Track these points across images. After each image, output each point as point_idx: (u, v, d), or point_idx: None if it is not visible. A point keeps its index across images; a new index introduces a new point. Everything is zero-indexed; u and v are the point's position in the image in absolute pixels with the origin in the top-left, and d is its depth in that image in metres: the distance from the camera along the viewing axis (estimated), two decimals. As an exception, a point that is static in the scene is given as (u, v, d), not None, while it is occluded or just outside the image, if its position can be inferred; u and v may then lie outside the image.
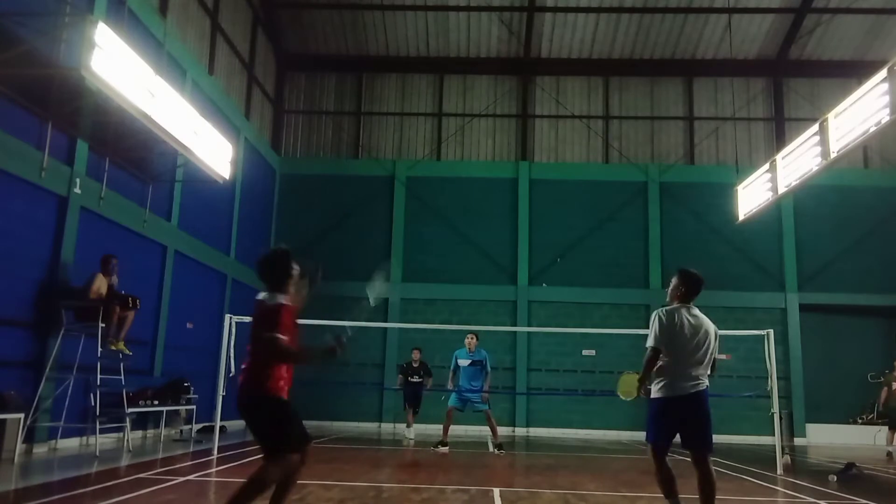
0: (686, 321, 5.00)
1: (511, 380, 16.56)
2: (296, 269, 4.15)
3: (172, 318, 12.33)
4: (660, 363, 4.85)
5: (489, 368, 10.99)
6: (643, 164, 18.21)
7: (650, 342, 4.90)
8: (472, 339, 10.94)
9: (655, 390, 4.88)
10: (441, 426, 10.93)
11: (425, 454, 10.32)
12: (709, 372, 4.90)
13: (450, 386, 10.96)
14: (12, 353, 8.31)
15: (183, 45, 12.71)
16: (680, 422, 4.74)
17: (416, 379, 13.17)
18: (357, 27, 18.27)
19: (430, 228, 17.86)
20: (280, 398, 4.04)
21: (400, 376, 13.55)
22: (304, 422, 4.22)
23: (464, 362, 10.76)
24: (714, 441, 4.75)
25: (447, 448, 10.54)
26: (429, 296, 17.35)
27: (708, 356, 4.89)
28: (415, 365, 13.30)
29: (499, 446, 10.69)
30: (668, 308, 5.13)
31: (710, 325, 5.14)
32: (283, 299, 3.91)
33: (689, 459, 4.76)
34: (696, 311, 5.21)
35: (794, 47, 18.02)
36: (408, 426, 13.07)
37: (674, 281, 5.38)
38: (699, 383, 4.78)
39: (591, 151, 18.64)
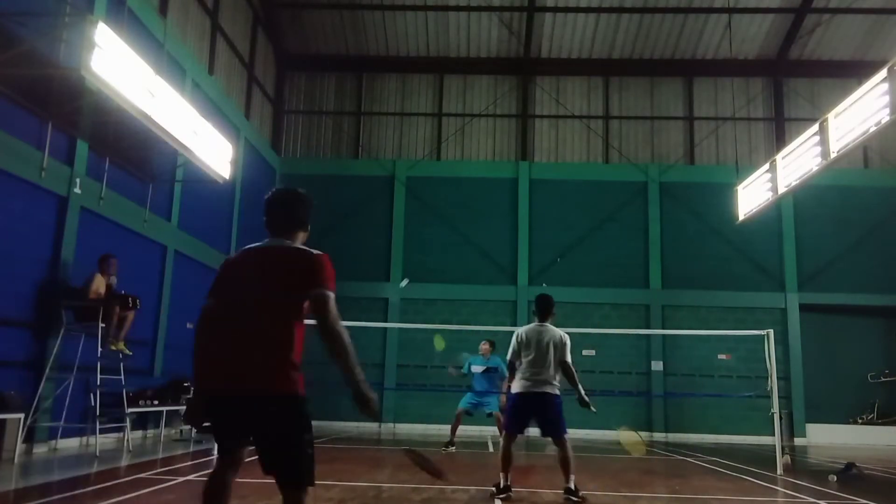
0: (533, 335, 6.45)
1: (506, 380, 16.56)
2: None
3: (172, 318, 12.33)
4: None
5: (506, 373, 10.90)
6: (643, 164, 18.20)
7: (507, 356, 6.55)
8: (486, 345, 10.86)
9: (513, 389, 6.29)
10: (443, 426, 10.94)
11: (427, 454, 10.30)
12: (553, 371, 6.32)
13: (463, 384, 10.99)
14: (12, 353, 8.31)
15: (183, 45, 12.71)
16: (532, 414, 6.17)
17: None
18: (357, 27, 18.27)
19: (430, 228, 17.86)
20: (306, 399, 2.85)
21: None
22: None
23: (477, 369, 10.72)
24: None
25: (454, 448, 10.58)
26: (429, 296, 17.35)
27: (548, 359, 6.34)
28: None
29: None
30: (524, 326, 6.62)
31: (555, 336, 6.54)
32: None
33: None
34: (547, 327, 6.62)
35: (794, 47, 18.02)
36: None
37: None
38: (545, 384, 6.20)
39: (591, 151, 18.64)
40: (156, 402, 10.81)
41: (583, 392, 6.37)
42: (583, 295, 17.28)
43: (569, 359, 6.47)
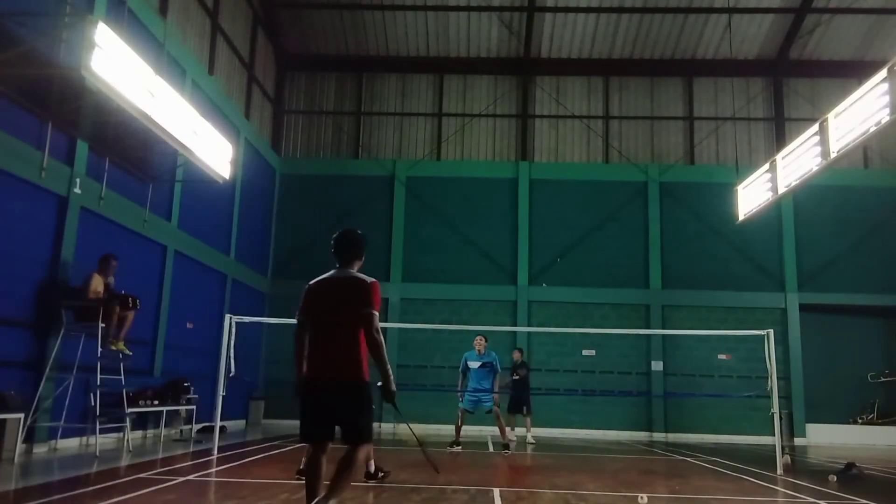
0: None
1: (504, 381, 16.53)
2: None
3: (172, 318, 12.33)
4: None
5: (500, 368, 11.07)
6: (643, 164, 18.21)
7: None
8: (481, 340, 10.96)
9: None
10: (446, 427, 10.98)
11: (433, 454, 10.30)
12: None
13: (459, 387, 11.00)
14: (12, 353, 8.31)
15: (183, 45, 12.71)
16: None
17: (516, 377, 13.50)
18: (357, 27, 18.27)
19: (430, 228, 17.86)
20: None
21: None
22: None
23: (474, 364, 10.82)
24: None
25: (461, 447, 10.65)
26: (429, 296, 17.35)
27: None
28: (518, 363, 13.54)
29: (505, 446, 10.73)
30: None
31: None
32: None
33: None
34: None
35: (794, 47, 18.02)
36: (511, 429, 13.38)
37: None
38: None
39: (591, 151, 18.64)
40: (156, 402, 10.80)
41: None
42: (583, 295, 17.29)
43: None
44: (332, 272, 4.44)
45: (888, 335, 17.13)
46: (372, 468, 6.53)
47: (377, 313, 4.19)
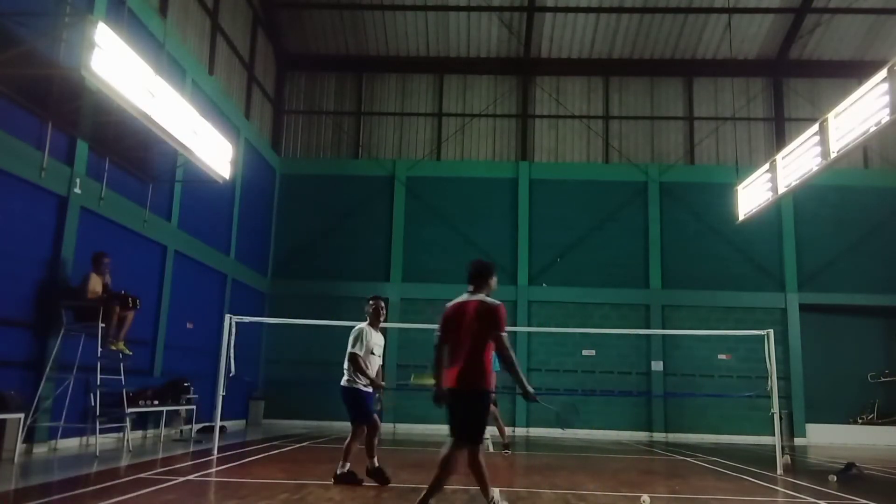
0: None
1: (511, 380, 16.54)
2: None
3: (172, 318, 12.33)
4: None
5: (497, 368, 11.06)
6: (643, 164, 18.20)
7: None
8: None
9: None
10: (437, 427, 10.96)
11: (426, 454, 10.32)
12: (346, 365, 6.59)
13: None
14: (12, 353, 8.31)
15: (183, 45, 12.71)
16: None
17: None
18: (357, 27, 18.27)
19: (430, 228, 17.86)
20: (490, 393, 4.93)
21: None
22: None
23: None
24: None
25: None
26: (429, 296, 17.33)
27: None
28: None
29: (505, 446, 10.72)
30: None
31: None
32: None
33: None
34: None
35: (794, 47, 18.02)
36: None
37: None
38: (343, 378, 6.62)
39: (591, 151, 18.64)
40: (156, 402, 10.81)
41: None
42: (583, 295, 17.29)
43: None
44: (463, 296, 4.99)
45: (888, 335, 17.13)
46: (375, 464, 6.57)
47: (504, 333, 4.79)
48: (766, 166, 11.55)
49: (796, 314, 17.04)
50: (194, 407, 11.90)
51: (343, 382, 6.57)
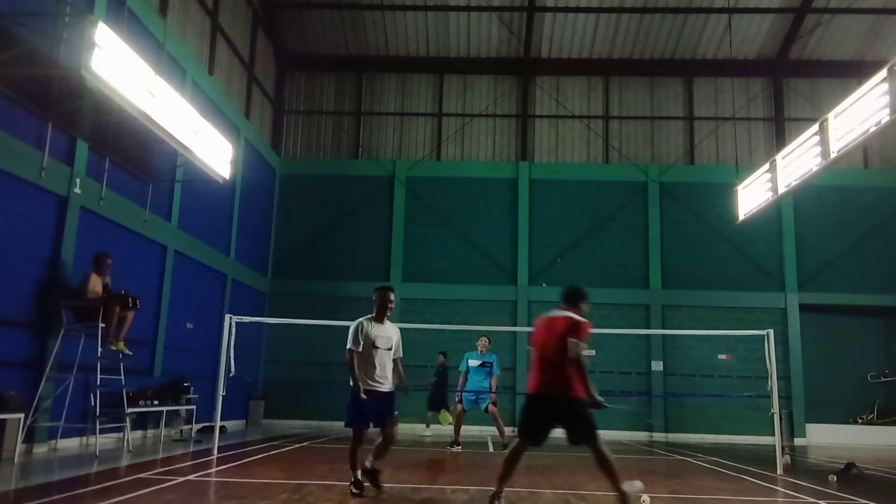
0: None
1: (511, 380, 16.55)
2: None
3: (172, 318, 12.33)
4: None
5: (498, 371, 11.20)
6: (643, 164, 18.20)
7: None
8: (484, 341, 11.26)
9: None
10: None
11: (426, 454, 10.32)
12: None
13: (459, 387, 11.06)
14: (12, 353, 8.32)
15: (183, 45, 12.71)
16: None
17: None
18: (357, 27, 18.27)
19: (430, 228, 17.85)
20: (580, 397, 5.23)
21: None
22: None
23: (474, 363, 11.03)
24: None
25: (461, 447, 10.67)
26: (429, 296, 17.35)
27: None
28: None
29: (505, 446, 10.73)
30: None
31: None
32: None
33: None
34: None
35: (794, 47, 18.02)
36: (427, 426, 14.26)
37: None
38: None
39: (591, 151, 18.64)
40: (156, 402, 10.81)
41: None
42: (583, 295, 17.24)
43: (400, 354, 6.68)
44: (554, 311, 5.49)
45: (888, 335, 17.13)
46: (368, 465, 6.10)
47: (579, 342, 5.11)
48: (766, 166, 11.55)
49: (796, 314, 17.04)
50: (194, 407, 11.90)
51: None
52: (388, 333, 6.31)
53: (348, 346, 6.07)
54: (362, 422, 5.95)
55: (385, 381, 6.15)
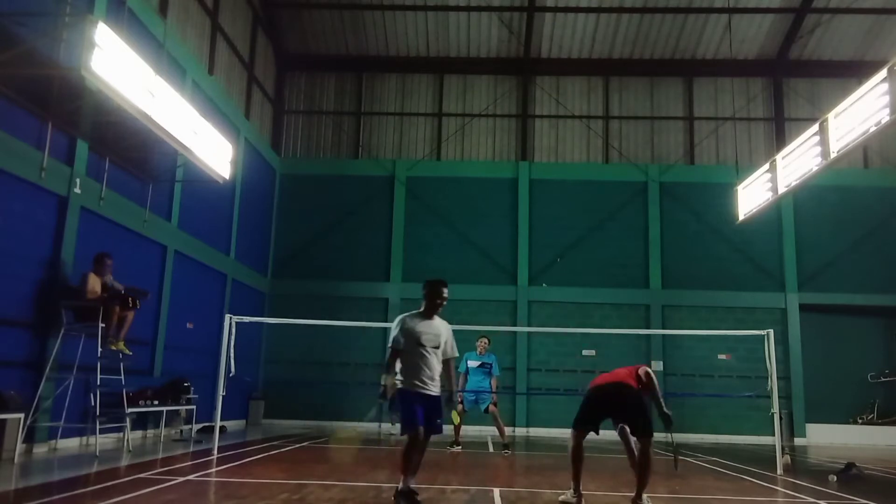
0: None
1: (511, 380, 16.56)
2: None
3: (172, 318, 12.33)
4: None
5: (497, 373, 11.23)
6: (643, 164, 18.20)
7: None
8: (483, 342, 11.27)
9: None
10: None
11: (425, 454, 10.31)
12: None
13: (459, 387, 11.08)
14: (12, 353, 8.31)
15: (183, 45, 12.70)
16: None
17: None
18: (357, 27, 18.27)
19: (430, 228, 17.85)
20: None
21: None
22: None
23: (473, 364, 11.09)
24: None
25: (461, 447, 10.69)
26: (429, 296, 17.31)
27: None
28: None
29: (505, 446, 10.76)
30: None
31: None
32: None
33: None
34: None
35: (794, 47, 18.02)
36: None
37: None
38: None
39: (591, 151, 18.64)
40: (156, 402, 10.81)
41: None
42: (583, 295, 17.28)
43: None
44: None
45: (888, 335, 17.13)
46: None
47: (649, 368, 6.00)
48: (766, 166, 11.54)
49: (796, 314, 17.03)
50: (194, 407, 11.90)
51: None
52: (436, 331, 5.74)
53: (389, 344, 5.62)
54: (416, 423, 5.38)
55: (432, 383, 5.52)
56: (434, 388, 5.50)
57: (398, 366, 5.54)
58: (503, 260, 17.66)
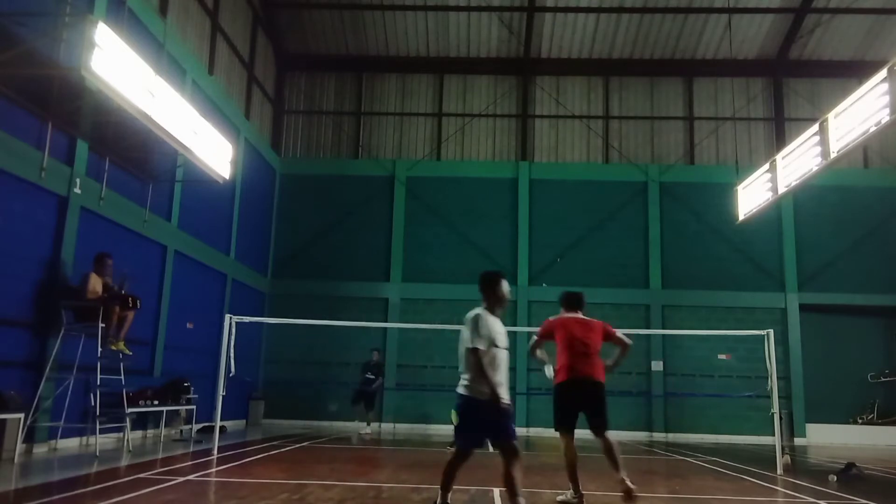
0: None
1: (511, 380, 16.53)
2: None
3: (172, 318, 12.33)
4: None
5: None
6: (643, 164, 18.20)
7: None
8: None
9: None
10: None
11: (425, 454, 10.32)
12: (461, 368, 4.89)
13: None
14: (12, 353, 8.31)
15: (183, 45, 12.70)
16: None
17: (370, 376, 14.56)
18: (357, 27, 18.27)
19: (430, 228, 17.85)
20: None
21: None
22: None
23: None
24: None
25: None
26: (429, 296, 17.34)
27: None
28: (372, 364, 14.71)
29: None
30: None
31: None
32: None
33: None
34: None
35: (794, 47, 18.02)
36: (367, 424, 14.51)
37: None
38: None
39: (591, 151, 18.64)
40: (156, 402, 10.81)
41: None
42: (583, 295, 17.24)
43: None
44: (571, 313, 6.41)
45: (888, 335, 17.13)
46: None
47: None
48: (766, 166, 11.54)
49: (796, 314, 17.04)
50: (194, 407, 11.90)
51: (460, 389, 4.87)
52: (503, 330, 5.00)
53: (473, 345, 4.69)
54: (479, 439, 4.96)
55: (506, 387, 4.87)
56: (507, 395, 4.82)
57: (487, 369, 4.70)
58: (503, 260, 17.64)
